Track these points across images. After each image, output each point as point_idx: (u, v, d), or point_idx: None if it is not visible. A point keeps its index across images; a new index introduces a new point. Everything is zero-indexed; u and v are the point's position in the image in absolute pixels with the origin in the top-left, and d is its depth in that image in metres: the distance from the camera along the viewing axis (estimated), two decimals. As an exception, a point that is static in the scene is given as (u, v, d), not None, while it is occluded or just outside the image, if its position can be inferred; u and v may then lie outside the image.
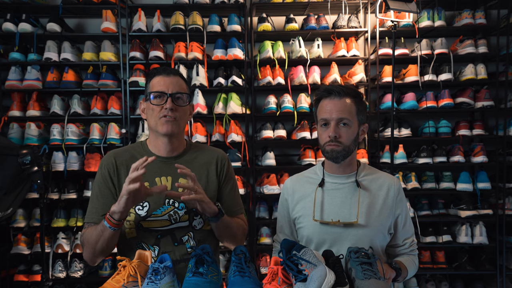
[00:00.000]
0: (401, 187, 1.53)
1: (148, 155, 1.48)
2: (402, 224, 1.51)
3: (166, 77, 1.46)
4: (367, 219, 1.45)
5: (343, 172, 1.51)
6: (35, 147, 2.80)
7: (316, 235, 1.48)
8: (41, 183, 2.58)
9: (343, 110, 1.43)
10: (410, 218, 1.55)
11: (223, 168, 1.57)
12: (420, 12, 3.09)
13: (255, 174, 3.21)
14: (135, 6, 3.16)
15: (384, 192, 1.48)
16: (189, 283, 1.13)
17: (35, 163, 2.55)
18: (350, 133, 1.44)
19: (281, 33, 3.23)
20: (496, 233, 3.12)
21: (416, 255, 1.57)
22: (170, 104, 1.42)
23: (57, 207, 3.05)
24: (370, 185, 1.50)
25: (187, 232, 1.48)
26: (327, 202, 1.50)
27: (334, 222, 1.45)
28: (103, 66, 3.07)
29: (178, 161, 1.50)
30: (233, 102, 3.08)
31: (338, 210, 1.47)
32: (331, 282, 1.03)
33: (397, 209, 1.49)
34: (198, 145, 1.62)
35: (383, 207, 1.47)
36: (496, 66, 3.18)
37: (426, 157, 3.12)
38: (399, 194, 1.50)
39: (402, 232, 1.52)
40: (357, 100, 1.47)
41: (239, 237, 1.56)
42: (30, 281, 2.98)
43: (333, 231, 1.46)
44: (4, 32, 3.00)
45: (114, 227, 1.30)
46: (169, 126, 1.44)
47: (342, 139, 1.44)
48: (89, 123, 3.09)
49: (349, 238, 1.43)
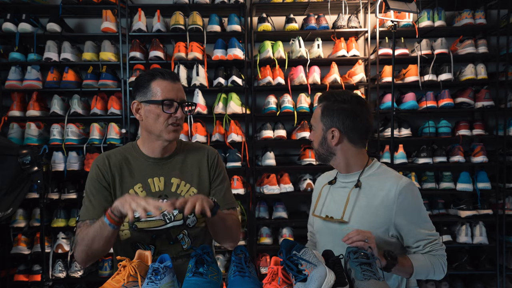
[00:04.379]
0: (409, 189, 1.44)
1: (140, 156, 1.51)
2: (409, 226, 1.44)
3: (173, 83, 1.45)
4: (356, 217, 1.45)
5: (347, 170, 1.55)
6: (35, 147, 2.80)
7: (319, 230, 1.60)
8: (41, 183, 2.58)
9: (313, 116, 1.57)
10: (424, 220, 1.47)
11: (213, 163, 1.58)
12: (420, 12, 3.09)
13: (255, 174, 3.21)
14: (135, 6, 3.16)
15: (384, 192, 1.45)
16: (189, 283, 1.13)
17: (35, 163, 2.55)
18: (315, 137, 1.55)
19: (281, 33, 3.23)
20: (496, 233, 3.12)
21: (439, 256, 1.46)
22: (181, 113, 1.44)
23: (57, 207, 3.04)
24: (372, 185, 1.49)
25: (181, 231, 1.49)
26: (330, 199, 1.58)
27: (327, 218, 1.53)
28: (103, 66, 3.07)
29: (170, 162, 1.53)
30: (233, 102, 3.08)
31: (336, 207, 1.53)
32: (331, 282, 1.03)
33: (398, 210, 1.43)
34: (188, 144, 1.63)
35: (380, 208, 1.44)
36: (496, 66, 3.18)
37: (426, 157, 3.11)
38: (402, 195, 1.43)
39: (411, 234, 1.45)
40: (324, 103, 1.51)
41: (234, 231, 1.55)
42: (30, 281, 2.97)
43: (330, 227, 1.53)
44: (4, 32, 3.00)
45: (115, 225, 1.27)
46: (176, 134, 1.46)
47: (313, 143, 1.57)
48: (89, 123, 3.09)
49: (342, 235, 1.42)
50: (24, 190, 2.65)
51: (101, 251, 1.36)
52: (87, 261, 1.41)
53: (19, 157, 2.52)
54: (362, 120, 1.48)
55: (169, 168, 1.51)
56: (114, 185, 1.47)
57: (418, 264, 1.42)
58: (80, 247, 1.37)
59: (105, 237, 1.31)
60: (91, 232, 1.33)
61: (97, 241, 1.32)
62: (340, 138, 1.49)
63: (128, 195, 1.27)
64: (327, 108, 1.49)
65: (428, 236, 1.47)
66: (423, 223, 1.47)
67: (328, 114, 1.49)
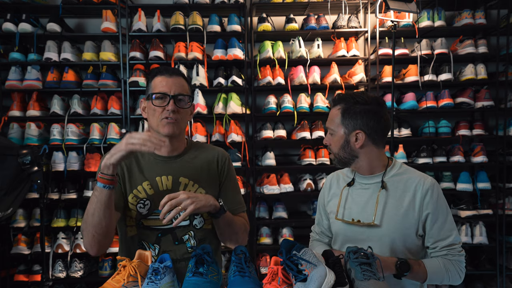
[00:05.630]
0: (435, 187, 1.45)
1: (149, 154, 1.50)
2: (431, 226, 1.43)
3: (168, 77, 1.45)
4: (388, 220, 1.43)
5: (370, 172, 1.50)
6: (35, 147, 2.80)
7: (341, 233, 1.53)
8: (41, 183, 2.58)
9: (330, 120, 1.51)
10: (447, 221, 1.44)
11: (223, 166, 1.58)
12: (420, 12, 3.09)
13: (255, 174, 3.21)
14: (135, 6, 3.16)
15: (411, 193, 1.44)
16: (189, 283, 1.13)
17: (35, 163, 2.56)
18: (335, 141, 1.49)
19: (281, 33, 3.23)
20: (496, 233, 3.12)
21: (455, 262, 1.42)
22: (172, 106, 1.42)
23: (57, 207, 3.04)
24: (397, 185, 1.47)
25: (187, 231, 1.48)
26: (352, 202, 1.52)
27: (354, 222, 1.48)
28: (103, 66, 3.07)
29: (179, 161, 1.52)
30: (233, 102, 3.08)
31: (361, 210, 1.48)
32: (331, 282, 1.03)
33: (426, 209, 1.42)
34: (198, 144, 1.63)
35: (409, 208, 1.43)
36: (496, 66, 3.18)
37: (426, 157, 3.12)
38: (428, 194, 1.43)
39: (431, 234, 1.43)
40: (344, 106, 1.46)
41: (241, 235, 1.55)
42: (30, 281, 2.97)
43: (355, 230, 1.48)
44: (4, 32, 3.00)
45: (108, 184, 1.25)
46: (170, 128, 1.43)
47: (332, 147, 1.51)
48: (89, 123, 3.09)
49: (370, 238, 1.44)
50: (24, 190, 2.65)
51: (106, 227, 1.31)
52: (98, 247, 1.36)
53: (19, 157, 2.52)
54: (383, 121, 1.46)
55: (178, 167, 1.51)
56: (124, 179, 1.47)
57: (433, 270, 1.40)
58: (86, 232, 1.34)
59: (104, 204, 1.27)
60: (90, 208, 1.29)
61: (97, 214, 1.28)
62: (365, 141, 1.45)
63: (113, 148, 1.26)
64: (349, 110, 1.45)
65: (448, 239, 1.43)
66: (446, 224, 1.44)
67: (351, 117, 1.44)
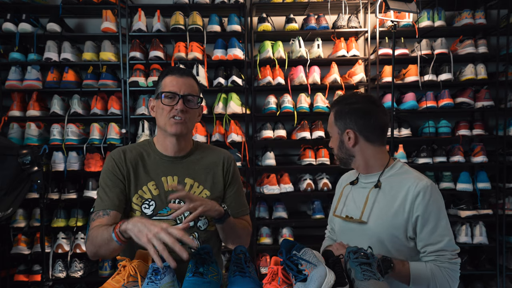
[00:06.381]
0: (428, 190, 1.42)
1: (154, 153, 1.51)
2: (420, 228, 1.41)
3: (179, 77, 1.46)
4: (375, 218, 1.45)
5: (368, 171, 1.54)
6: (35, 147, 2.80)
7: (341, 229, 1.59)
8: (41, 183, 2.58)
9: (328, 123, 1.59)
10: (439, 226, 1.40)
11: (229, 169, 1.58)
12: (420, 12, 3.09)
13: (255, 174, 3.21)
14: (135, 6, 3.16)
15: (403, 193, 1.44)
16: (189, 283, 1.13)
17: (35, 163, 2.55)
18: (333, 143, 1.57)
19: (281, 33, 3.23)
20: (496, 233, 3.12)
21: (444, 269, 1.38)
22: (181, 105, 1.42)
23: (57, 207, 3.04)
24: (392, 185, 1.48)
25: (192, 233, 1.48)
26: (351, 199, 1.58)
27: (347, 218, 1.53)
28: (103, 66, 3.07)
29: (184, 161, 1.52)
30: (233, 102, 3.08)
31: (356, 208, 1.53)
32: (331, 282, 1.03)
33: (416, 211, 1.41)
34: (204, 146, 1.63)
35: (399, 209, 1.43)
36: (496, 66, 3.18)
37: (426, 157, 3.11)
38: (419, 196, 1.40)
39: (420, 237, 1.41)
40: (336, 108, 1.53)
41: (243, 238, 1.56)
42: (30, 281, 2.97)
43: (350, 227, 1.53)
44: (4, 32, 3.00)
45: (121, 243, 1.25)
46: (178, 127, 1.44)
47: (333, 149, 1.58)
48: (89, 123, 3.09)
49: (361, 235, 1.47)
50: (24, 190, 2.65)
51: (109, 255, 1.36)
52: (96, 258, 1.43)
53: (19, 157, 2.52)
54: (375, 118, 1.48)
55: (183, 167, 1.51)
56: (129, 180, 1.47)
57: (416, 273, 1.37)
58: (90, 246, 1.37)
59: (111, 249, 1.30)
60: (99, 239, 1.31)
61: (103, 249, 1.32)
62: (356, 139, 1.49)
63: (140, 221, 1.17)
64: (339, 111, 1.51)
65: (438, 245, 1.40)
66: (438, 229, 1.41)
67: (341, 117, 1.50)
